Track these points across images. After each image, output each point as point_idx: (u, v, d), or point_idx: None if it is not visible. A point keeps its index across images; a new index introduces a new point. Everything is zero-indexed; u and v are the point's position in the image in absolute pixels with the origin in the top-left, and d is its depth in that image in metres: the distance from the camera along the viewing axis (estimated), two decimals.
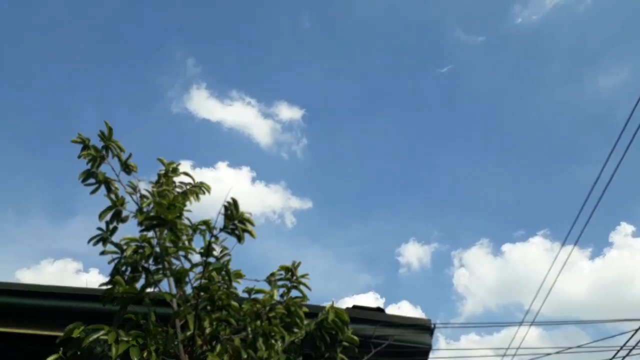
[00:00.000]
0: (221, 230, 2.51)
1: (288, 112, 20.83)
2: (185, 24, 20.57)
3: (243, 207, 2.56)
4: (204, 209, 3.58)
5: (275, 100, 20.99)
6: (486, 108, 22.08)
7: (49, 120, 19.52)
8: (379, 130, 21.83)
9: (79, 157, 3.10)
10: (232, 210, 2.49)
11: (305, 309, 3.09)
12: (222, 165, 19.77)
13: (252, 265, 2.87)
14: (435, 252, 21.76)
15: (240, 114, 20.18)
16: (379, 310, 4.49)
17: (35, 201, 19.21)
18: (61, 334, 3.98)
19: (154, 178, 3.49)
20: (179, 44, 20.59)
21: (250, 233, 2.52)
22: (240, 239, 2.49)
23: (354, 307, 4.49)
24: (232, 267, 2.85)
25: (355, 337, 3.08)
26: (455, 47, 20.92)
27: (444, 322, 8.12)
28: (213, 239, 2.54)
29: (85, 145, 3.07)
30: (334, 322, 3.01)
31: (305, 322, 3.05)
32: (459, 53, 20.99)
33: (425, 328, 4.33)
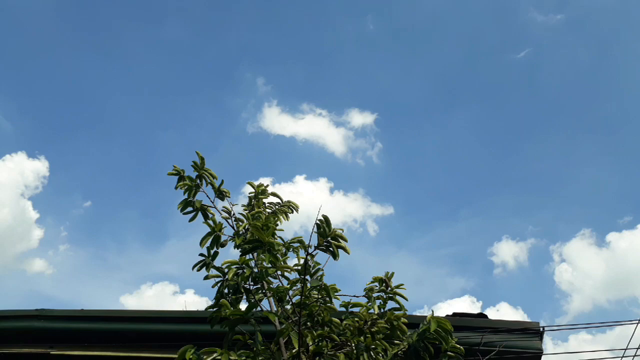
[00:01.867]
0: (315, 248, 2.55)
1: (360, 118, 20.80)
2: (252, 45, 21.28)
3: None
4: (287, 222, 3.66)
5: (345, 108, 21.05)
6: (573, 90, 20.72)
7: (137, 153, 20.96)
8: (458, 125, 21.14)
9: (176, 188, 3.29)
10: (324, 228, 2.52)
11: (404, 320, 3.05)
12: (299, 179, 20.11)
13: (341, 277, 2.89)
14: (532, 248, 20.59)
15: (312, 126, 20.45)
16: (482, 316, 4.32)
17: (131, 230, 20.68)
18: (169, 355, 4.24)
19: (242, 200, 3.63)
20: (248, 66, 21.34)
21: (344, 249, 2.54)
22: (335, 256, 2.52)
23: (455, 314, 4.36)
24: (326, 281, 2.89)
25: (460, 347, 2.99)
26: (531, 30, 19.87)
27: (551, 325, 7.64)
28: (309, 257, 2.59)
29: (180, 176, 3.26)
30: (437, 332, 2.94)
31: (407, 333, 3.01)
32: (535, 35, 19.90)
33: (534, 332, 4.10)
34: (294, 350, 2.69)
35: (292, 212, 3.68)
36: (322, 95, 21.92)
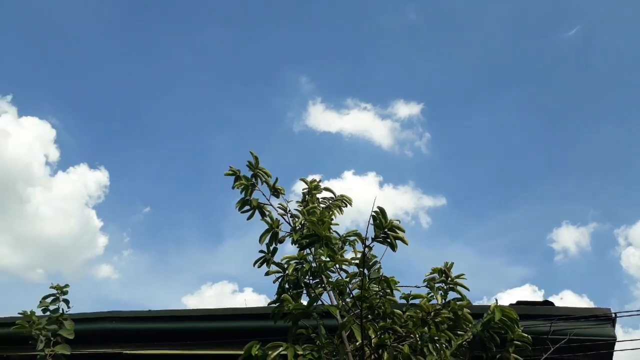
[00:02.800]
0: (373, 240, 2.55)
1: (405, 109, 20.54)
2: (292, 45, 21.47)
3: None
4: (338, 218, 3.65)
5: (390, 100, 20.85)
6: (632, 65, 19.62)
7: (190, 157, 21.58)
8: (508, 110, 20.52)
9: (233, 187, 3.37)
10: (380, 219, 2.51)
11: (467, 310, 2.99)
12: (348, 175, 20.10)
13: (397, 270, 2.87)
14: (595, 232, 19.70)
15: (357, 121, 20.39)
16: (548, 303, 4.18)
17: (189, 232, 21.37)
18: (234, 352, 4.34)
19: (295, 198, 3.66)
20: (290, 66, 21.53)
21: (402, 240, 2.52)
22: (393, 247, 2.50)
23: (519, 302, 4.24)
24: (384, 274, 2.87)
25: (527, 335, 2.91)
26: (582, 5, 18.97)
27: (621, 311, 7.28)
28: (366, 249, 2.58)
29: (237, 176, 3.34)
30: (502, 321, 2.87)
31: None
32: (586, 11, 18.99)
33: (605, 318, 3.92)
34: (357, 343, 2.69)
35: (346, 205, 3.68)
36: (366, 89, 21.82)
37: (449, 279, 3.36)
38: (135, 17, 20.54)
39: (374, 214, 2.49)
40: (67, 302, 3.71)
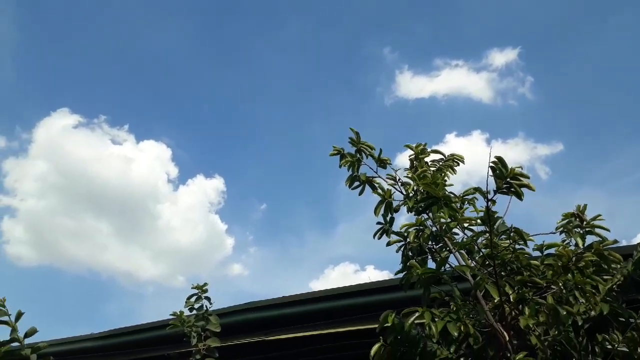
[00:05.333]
0: (495, 192, 2.41)
1: (501, 57, 19.20)
2: (369, 17, 20.98)
3: (485, 172, 2.41)
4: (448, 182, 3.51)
5: (482, 51, 19.62)
6: None
7: (291, 149, 22.17)
8: (617, 35, 18.33)
9: (340, 166, 3.38)
10: (500, 169, 2.37)
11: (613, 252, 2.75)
12: (450, 138, 19.32)
13: (520, 226, 2.68)
14: None
15: (450, 80, 19.48)
16: None
17: (305, 221, 22.06)
18: (368, 326, 4.40)
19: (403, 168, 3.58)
20: (370, 39, 21.12)
21: (528, 186, 2.36)
22: (519, 195, 2.35)
23: None
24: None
25: None
26: None
27: None
28: (490, 204, 2.46)
29: (341, 154, 3.34)
30: None
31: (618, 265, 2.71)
32: None
33: None
34: (495, 301, 2.59)
35: (458, 164, 3.54)
36: (454, 45, 20.79)
37: (584, 222, 3.12)
38: (217, 27, 21.43)
39: (492, 164, 2.35)
40: (208, 299, 4.01)
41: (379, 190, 3.21)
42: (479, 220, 2.85)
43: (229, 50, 21.61)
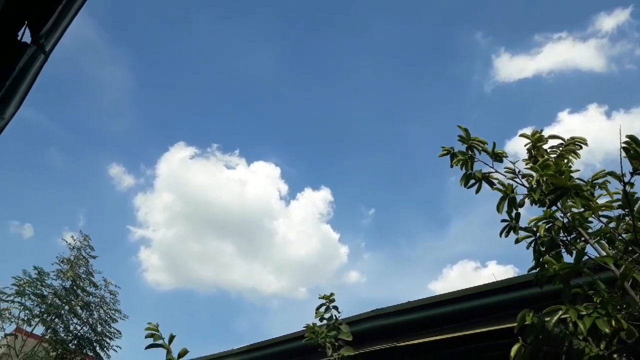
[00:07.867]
0: (632, 174, 2.23)
1: (610, 21, 17.58)
2: (455, 6, 20.26)
3: (609, 148, 2.22)
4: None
5: (587, 19, 18.11)
6: None
7: (392, 152, 21.99)
8: None
9: (452, 165, 3.31)
10: (634, 149, 2.19)
11: None
12: (564, 116, 17.97)
13: None
14: None
15: (554, 54, 18.14)
16: None
17: (415, 223, 21.74)
18: (503, 326, 4.22)
19: (517, 158, 3.42)
20: (460, 28, 20.40)
21: None
22: None
23: None
24: None
25: None
26: None
27: None
28: (627, 187, 2.27)
29: (452, 154, 3.28)
30: None
31: None
32: None
33: None
34: None
35: (581, 147, 3.31)
36: (553, 17, 19.44)
37: None
38: (304, 45, 22.05)
39: (624, 145, 2.18)
40: (336, 308, 4.12)
41: (499, 186, 3.10)
42: (614, 205, 2.65)
43: (319, 63, 22.14)
